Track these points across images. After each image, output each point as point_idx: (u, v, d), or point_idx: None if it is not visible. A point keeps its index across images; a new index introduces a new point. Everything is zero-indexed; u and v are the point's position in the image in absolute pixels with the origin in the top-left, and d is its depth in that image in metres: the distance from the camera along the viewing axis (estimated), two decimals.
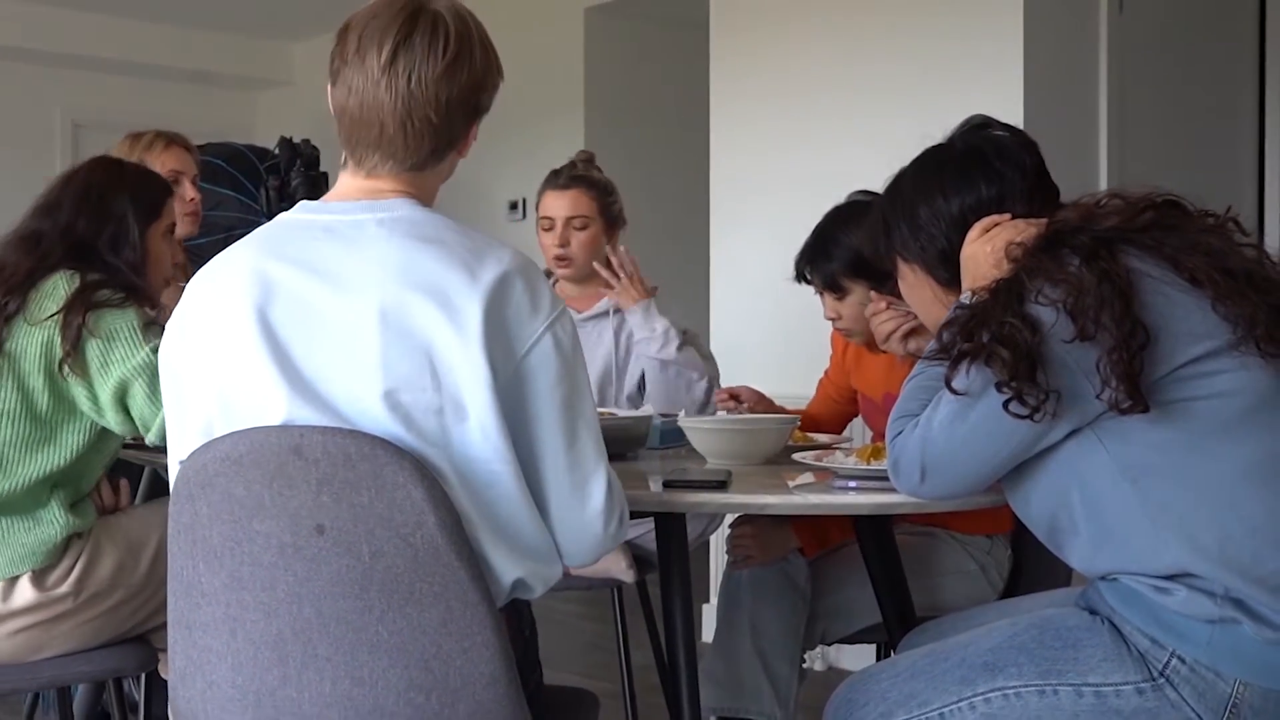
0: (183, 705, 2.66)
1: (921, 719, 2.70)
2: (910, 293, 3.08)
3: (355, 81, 2.57)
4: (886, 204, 3.05)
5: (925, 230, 2.93)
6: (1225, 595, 2.50)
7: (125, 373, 3.35)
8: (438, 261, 2.45)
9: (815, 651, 6.35)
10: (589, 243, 4.84)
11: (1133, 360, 2.46)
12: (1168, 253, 2.60)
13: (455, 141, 2.67)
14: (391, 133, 2.57)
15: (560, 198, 4.86)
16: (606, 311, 4.89)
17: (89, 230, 3.57)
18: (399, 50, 2.53)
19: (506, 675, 2.46)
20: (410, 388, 2.41)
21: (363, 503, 2.38)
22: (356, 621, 2.43)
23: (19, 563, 3.34)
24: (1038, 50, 5.76)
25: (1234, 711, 2.49)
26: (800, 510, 3.07)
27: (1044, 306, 2.53)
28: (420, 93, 2.54)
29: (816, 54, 6.51)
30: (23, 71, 10.87)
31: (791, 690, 4.00)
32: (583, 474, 2.56)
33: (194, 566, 2.55)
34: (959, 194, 2.89)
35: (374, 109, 2.56)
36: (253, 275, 2.53)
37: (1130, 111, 6.14)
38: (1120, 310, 2.47)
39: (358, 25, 2.60)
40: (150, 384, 3.35)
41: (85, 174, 3.69)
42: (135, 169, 3.80)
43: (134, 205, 3.64)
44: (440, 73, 2.55)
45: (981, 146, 2.94)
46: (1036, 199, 2.86)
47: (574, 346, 2.56)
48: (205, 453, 2.49)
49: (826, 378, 4.58)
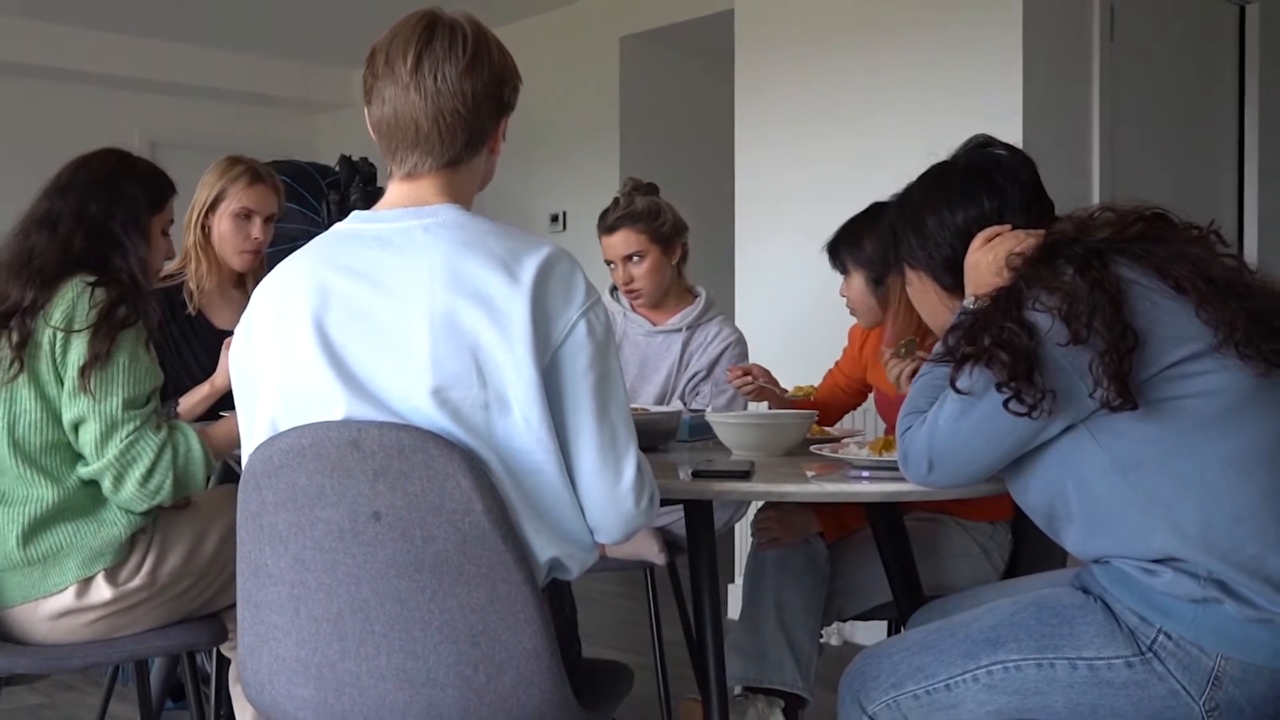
0: (250, 677, 2.67)
1: (930, 689, 2.70)
2: (917, 297, 3.08)
3: (387, 92, 2.59)
4: (896, 215, 3.06)
5: (932, 239, 2.94)
6: (1209, 577, 2.50)
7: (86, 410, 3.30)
8: (481, 266, 2.45)
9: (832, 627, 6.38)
10: (652, 270, 4.83)
11: (1122, 362, 2.46)
12: (1155, 262, 2.60)
13: (486, 135, 2.67)
14: (426, 130, 2.58)
15: (612, 240, 4.84)
16: (679, 328, 4.90)
17: (101, 213, 3.52)
18: (422, 55, 2.56)
19: (548, 649, 2.46)
20: (458, 385, 2.42)
21: (415, 491, 2.39)
22: (410, 600, 2.44)
23: (90, 564, 3.32)
24: (1036, 76, 5.77)
25: (1216, 683, 2.48)
26: (817, 498, 3.07)
27: (1040, 313, 2.54)
28: (447, 88, 2.56)
29: (831, 79, 6.52)
30: (105, 96, 10.93)
31: (812, 662, 3.99)
32: (615, 454, 2.55)
33: (260, 550, 2.56)
34: (963, 206, 2.90)
35: (407, 111, 2.58)
36: (310, 284, 2.55)
37: (1120, 132, 6.15)
38: (1111, 316, 2.48)
39: (382, 46, 2.63)
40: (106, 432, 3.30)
41: (99, 161, 3.65)
42: (146, 163, 3.76)
43: (144, 194, 3.62)
44: (463, 69, 2.57)
45: (983, 163, 2.94)
46: (1034, 211, 2.87)
47: (606, 333, 2.56)
48: (270, 446, 2.50)
49: (837, 368, 4.61)
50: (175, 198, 3.77)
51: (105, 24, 10.18)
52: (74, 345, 3.29)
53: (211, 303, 4.79)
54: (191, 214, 4.70)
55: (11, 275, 3.41)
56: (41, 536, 3.30)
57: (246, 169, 4.76)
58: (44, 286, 3.36)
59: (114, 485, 3.30)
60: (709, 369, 4.86)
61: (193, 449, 3.39)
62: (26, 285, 3.37)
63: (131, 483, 3.29)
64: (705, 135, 9.29)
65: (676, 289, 4.97)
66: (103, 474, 3.30)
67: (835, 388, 4.57)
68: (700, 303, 4.95)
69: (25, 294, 3.35)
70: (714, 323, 4.95)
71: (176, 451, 3.35)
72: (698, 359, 4.89)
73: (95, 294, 3.35)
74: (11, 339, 3.32)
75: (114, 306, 3.35)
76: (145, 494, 3.31)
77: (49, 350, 3.31)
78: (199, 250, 4.74)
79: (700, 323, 4.93)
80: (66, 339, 3.30)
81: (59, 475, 3.35)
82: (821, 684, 4.03)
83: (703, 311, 4.94)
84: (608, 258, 4.87)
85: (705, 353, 4.88)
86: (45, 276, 3.37)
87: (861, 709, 2.80)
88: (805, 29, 6.64)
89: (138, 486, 3.30)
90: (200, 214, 4.72)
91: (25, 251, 3.45)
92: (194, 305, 4.74)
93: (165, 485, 3.32)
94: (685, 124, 9.75)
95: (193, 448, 3.39)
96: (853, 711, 2.83)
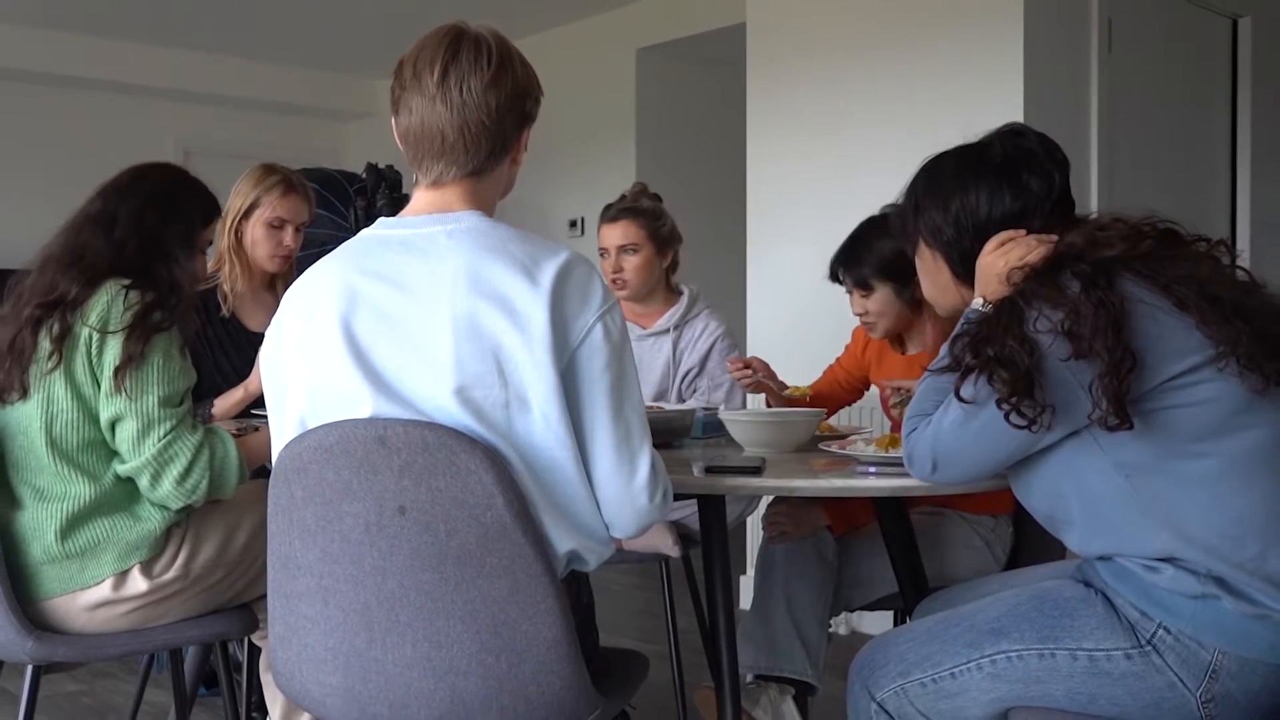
0: (281, 665, 2.67)
1: (935, 677, 2.70)
2: (928, 272, 3.01)
3: (414, 103, 2.60)
4: (922, 184, 2.97)
5: (953, 222, 2.88)
6: (1208, 575, 2.49)
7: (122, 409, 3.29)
8: (503, 270, 2.46)
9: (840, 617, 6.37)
10: (642, 266, 4.86)
11: (1121, 384, 2.45)
12: (1162, 281, 2.57)
13: (508, 146, 2.68)
14: (452, 140, 2.58)
15: (612, 229, 4.87)
16: (666, 329, 4.91)
17: (157, 223, 3.51)
18: (449, 67, 2.56)
19: (567, 638, 2.46)
20: (480, 385, 2.42)
21: (439, 486, 2.39)
22: (434, 591, 2.44)
23: (126, 557, 3.32)
24: (1036, 86, 5.78)
25: (1213, 677, 2.48)
26: (825, 493, 3.07)
27: (1042, 332, 2.52)
28: (472, 100, 2.56)
29: (839, 90, 6.53)
30: (140, 105, 11.01)
31: (821, 651, 3.99)
32: (629, 451, 2.55)
33: (290, 543, 2.57)
34: (989, 200, 2.82)
35: (434, 122, 2.58)
36: (338, 287, 2.56)
37: (1118, 139, 6.17)
38: (1112, 339, 2.45)
39: (409, 59, 2.63)
40: (143, 430, 3.30)
41: (160, 173, 3.65)
42: (202, 183, 3.74)
43: (200, 215, 3.62)
44: (488, 81, 2.57)
45: (1018, 159, 2.86)
46: (1055, 215, 2.81)
47: (622, 336, 2.56)
48: (299, 443, 2.51)
49: (838, 364, 4.60)
50: (218, 218, 3.79)
51: (142, 37, 10.25)
52: (109, 346, 3.29)
53: (244, 306, 4.80)
54: (226, 219, 4.69)
55: (61, 268, 3.40)
56: (79, 531, 3.30)
57: (281, 179, 4.76)
58: (88, 284, 3.35)
59: (151, 483, 3.30)
60: (701, 364, 4.90)
61: (229, 454, 3.39)
62: (74, 280, 3.36)
63: (169, 481, 3.29)
64: (718, 142, 9.30)
65: (663, 290, 4.99)
66: (140, 471, 3.30)
67: (835, 383, 4.56)
68: (684, 300, 4.98)
69: (70, 288, 3.34)
70: (700, 318, 4.97)
71: (214, 454, 3.35)
72: (689, 356, 4.92)
73: (130, 296, 3.35)
74: (52, 330, 3.31)
75: (148, 311, 3.35)
76: (182, 492, 3.31)
77: (85, 349, 3.31)
78: (232, 254, 4.74)
79: (687, 320, 4.96)
80: (102, 339, 3.30)
81: (95, 472, 3.35)
82: (830, 672, 4.03)
83: (687, 309, 4.96)
84: (603, 245, 4.90)
85: (695, 349, 4.91)
86: (91, 275, 3.37)
87: (870, 696, 2.80)
88: (813, 41, 6.66)
89: (175, 485, 3.29)
90: (235, 220, 4.71)
91: (78, 247, 3.44)
92: (228, 308, 4.74)
93: (201, 485, 3.32)
94: (699, 132, 9.77)
95: (230, 453, 3.39)
96: (861, 699, 2.82)
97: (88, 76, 10.38)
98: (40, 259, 3.48)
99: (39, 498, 3.33)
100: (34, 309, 3.34)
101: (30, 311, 3.34)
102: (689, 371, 4.90)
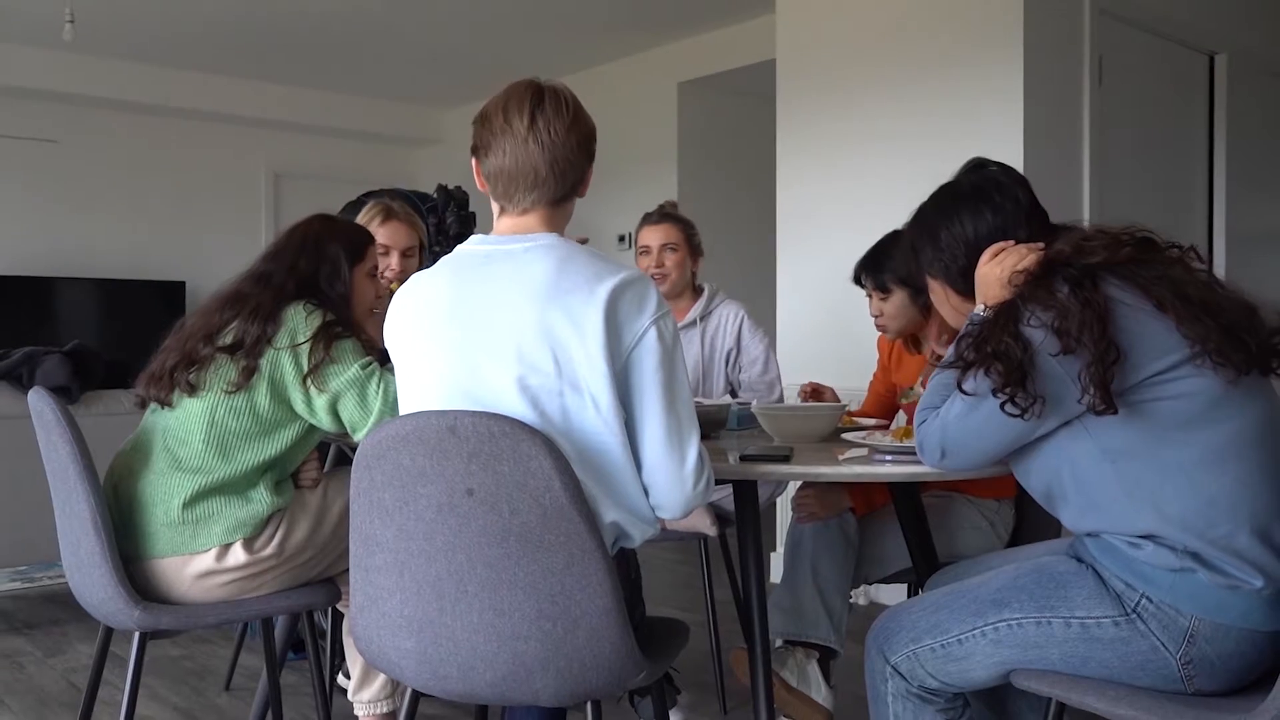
0: (360, 631, 2.69)
1: (944, 643, 2.71)
2: (939, 303, 3.06)
3: (506, 145, 2.68)
4: (914, 231, 3.03)
5: (947, 250, 2.91)
6: (1185, 550, 2.49)
7: (340, 387, 3.34)
8: (570, 281, 2.53)
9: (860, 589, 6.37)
10: (679, 263, 4.96)
11: (1106, 373, 2.46)
12: (1140, 283, 2.59)
13: (581, 179, 2.78)
14: (544, 174, 2.68)
15: (655, 230, 4.98)
16: (694, 321, 4.98)
17: (308, 267, 3.56)
18: (535, 114, 2.66)
19: (617, 608, 2.48)
20: (536, 373, 2.50)
21: (504, 471, 2.40)
22: (498, 565, 2.46)
23: (232, 533, 3.35)
24: (1034, 114, 5.79)
25: (1191, 641, 2.48)
26: (846, 478, 3.07)
27: (1035, 328, 2.54)
28: (559, 140, 2.67)
29: (860, 119, 6.55)
30: (235, 133, 11.08)
31: (843, 619, 3.99)
32: (679, 441, 2.59)
33: (370, 522, 2.59)
34: (972, 221, 2.87)
35: (527, 160, 2.67)
36: (435, 292, 2.68)
37: (1107, 160, 6.16)
38: (1098, 332, 2.47)
39: (495, 109, 2.72)
40: (359, 396, 3.36)
41: (305, 226, 3.68)
42: (345, 222, 3.78)
43: (344, 250, 3.65)
44: (569, 125, 2.68)
45: (984, 185, 2.92)
46: (1033, 224, 2.85)
47: (674, 340, 2.61)
48: (379, 432, 2.54)
49: (876, 378, 4.59)
50: (373, 246, 3.79)
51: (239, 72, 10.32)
52: (300, 358, 3.37)
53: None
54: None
55: (224, 306, 3.48)
56: (201, 503, 3.34)
57: (378, 209, 4.74)
58: (268, 320, 3.41)
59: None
60: (736, 342, 4.99)
61: None
62: (250, 320, 3.41)
63: None
64: (751, 165, 9.33)
65: (689, 291, 5.07)
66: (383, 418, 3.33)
67: (878, 396, 4.54)
68: (705, 294, 5.07)
69: (250, 328, 3.39)
70: (721, 306, 5.06)
71: None
72: (722, 339, 5.00)
73: (312, 314, 3.43)
74: (240, 364, 3.37)
75: (330, 324, 3.43)
76: None
77: (270, 370, 3.38)
78: None
79: (710, 310, 5.04)
80: (294, 354, 3.37)
81: (235, 458, 3.39)
82: (851, 637, 4.03)
83: (709, 301, 5.05)
84: (646, 244, 5.00)
85: (727, 332, 5.00)
86: (263, 314, 3.41)
87: (885, 659, 2.81)
88: (836, 76, 6.68)
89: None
90: None
91: (238, 294, 3.51)
92: None
93: None
94: (733, 156, 9.80)
95: None
96: (877, 661, 2.83)
97: (189, 107, 10.48)
98: (201, 306, 3.56)
99: (176, 467, 3.38)
100: (202, 338, 3.43)
101: (198, 338, 3.44)
102: (729, 351, 4.98)
